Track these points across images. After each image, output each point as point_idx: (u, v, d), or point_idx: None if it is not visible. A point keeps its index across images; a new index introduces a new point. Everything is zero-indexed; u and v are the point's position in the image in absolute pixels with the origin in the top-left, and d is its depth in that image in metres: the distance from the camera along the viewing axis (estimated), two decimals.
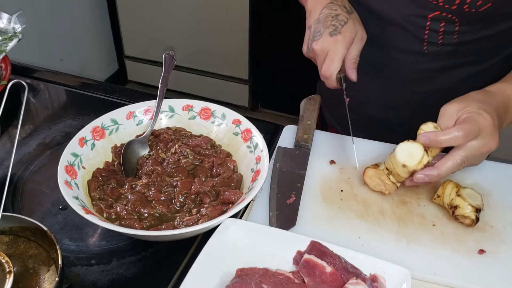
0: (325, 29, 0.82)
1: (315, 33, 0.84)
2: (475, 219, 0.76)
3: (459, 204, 0.76)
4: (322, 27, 0.83)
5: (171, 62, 0.94)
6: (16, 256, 0.70)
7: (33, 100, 1.09)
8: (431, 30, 0.89)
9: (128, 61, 2.87)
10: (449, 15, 0.85)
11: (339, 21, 0.83)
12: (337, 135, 0.97)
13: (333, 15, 0.83)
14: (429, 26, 0.88)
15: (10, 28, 1.07)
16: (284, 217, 0.78)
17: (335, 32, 0.82)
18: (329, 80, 0.83)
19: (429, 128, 0.77)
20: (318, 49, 0.83)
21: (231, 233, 0.72)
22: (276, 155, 0.90)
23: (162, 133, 0.89)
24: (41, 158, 0.91)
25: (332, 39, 0.81)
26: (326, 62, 0.82)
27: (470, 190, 0.78)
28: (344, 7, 0.85)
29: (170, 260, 0.74)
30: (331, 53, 0.82)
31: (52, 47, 2.41)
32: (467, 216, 0.76)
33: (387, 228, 0.78)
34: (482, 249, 0.74)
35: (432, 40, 0.90)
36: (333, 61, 0.82)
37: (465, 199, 0.76)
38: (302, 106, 0.97)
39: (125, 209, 0.75)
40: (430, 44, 0.91)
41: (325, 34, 0.82)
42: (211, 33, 2.55)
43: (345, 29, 0.82)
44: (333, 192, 0.84)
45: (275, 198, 0.81)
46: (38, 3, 2.25)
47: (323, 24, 0.83)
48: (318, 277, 0.66)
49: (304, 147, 0.90)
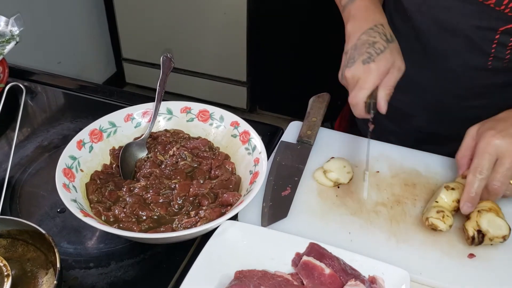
0: (359, 57, 0.79)
1: (349, 60, 0.81)
2: (471, 239, 0.73)
3: (471, 217, 0.74)
4: (357, 54, 0.80)
5: (169, 64, 0.94)
6: (14, 259, 0.70)
7: (30, 102, 1.09)
8: (499, 44, 0.84)
9: (126, 63, 2.87)
10: None
11: (376, 49, 0.79)
12: (342, 133, 0.96)
13: (370, 42, 0.80)
14: (497, 39, 0.83)
15: (7, 31, 1.07)
16: (276, 208, 0.79)
17: (368, 60, 0.78)
18: (356, 108, 0.80)
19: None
20: (349, 76, 0.80)
21: (230, 235, 0.72)
22: (278, 148, 0.90)
23: (160, 136, 0.89)
24: (39, 161, 0.91)
25: (364, 67, 0.78)
26: (355, 90, 0.79)
27: (500, 220, 0.74)
28: (384, 34, 0.82)
29: (168, 263, 0.74)
30: (361, 81, 0.79)
31: (50, 50, 2.41)
32: (466, 229, 0.74)
33: (379, 227, 0.78)
34: (472, 254, 0.74)
35: (499, 55, 0.85)
36: (362, 89, 0.79)
37: (480, 219, 0.73)
38: (310, 103, 0.98)
39: (124, 211, 0.75)
40: (496, 59, 0.86)
41: (358, 62, 0.79)
42: (209, 35, 2.55)
43: (380, 58, 0.79)
44: (329, 188, 0.84)
45: (271, 189, 0.82)
46: (35, 6, 2.25)
47: (358, 51, 0.80)
48: (317, 279, 0.66)
49: (307, 143, 0.91)
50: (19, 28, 1.07)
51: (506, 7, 0.78)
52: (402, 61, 0.82)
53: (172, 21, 2.57)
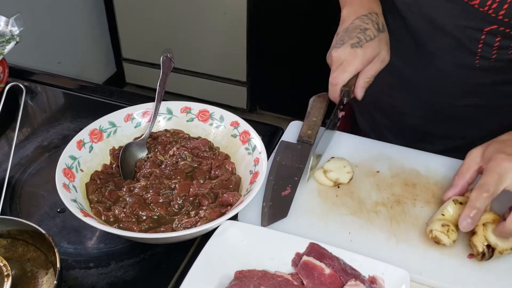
0: (349, 40, 0.80)
1: (338, 41, 0.82)
2: (481, 255, 0.70)
3: (477, 231, 0.72)
4: (347, 37, 0.81)
5: (169, 64, 0.94)
6: (14, 259, 0.70)
7: (30, 102, 1.09)
8: (485, 44, 0.84)
9: (126, 63, 2.87)
10: (507, 29, 0.80)
11: (366, 35, 0.81)
12: (342, 133, 0.96)
13: (362, 28, 0.81)
14: (483, 39, 0.84)
15: (7, 31, 1.07)
16: (276, 208, 0.79)
17: (357, 45, 0.80)
18: (334, 88, 0.82)
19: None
20: (335, 56, 0.81)
21: (230, 235, 0.72)
22: (278, 148, 0.90)
23: (160, 136, 0.89)
24: (39, 161, 0.91)
25: (351, 50, 0.80)
26: (338, 71, 0.81)
27: None
28: (376, 23, 0.83)
29: (168, 263, 0.74)
30: (345, 63, 0.80)
31: (50, 50, 2.41)
32: (475, 245, 0.71)
33: (379, 226, 0.78)
34: (472, 253, 0.73)
35: (486, 55, 0.86)
36: (344, 72, 0.80)
37: (487, 233, 0.71)
38: (310, 103, 0.98)
39: (123, 211, 0.75)
40: (483, 59, 0.87)
41: (346, 44, 0.80)
42: (209, 35, 2.55)
43: (368, 45, 0.80)
44: (329, 188, 0.84)
45: (271, 189, 0.82)
46: (35, 6, 2.25)
47: (349, 34, 0.81)
48: (317, 279, 0.66)
49: (307, 143, 0.91)
50: (19, 28, 1.07)
51: (489, 8, 0.78)
52: (388, 53, 0.83)
53: (172, 21, 2.57)
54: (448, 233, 0.72)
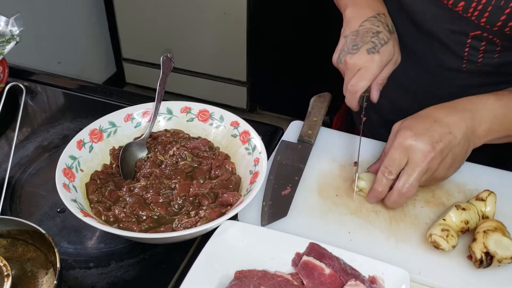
0: (364, 45, 0.79)
1: (351, 46, 0.80)
2: (479, 262, 0.70)
3: (477, 238, 0.71)
4: (360, 41, 0.79)
5: (169, 64, 0.94)
6: (14, 259, 0.70)
7: (31, 102, 1.09)
8: (472, 48, 0.85)
9: (126, 63, 2.87)
10: (490, 35, 0.81)
11: (380, 39, 0.79)
12: (343, 133, 0.96)
13: (374, 31, 0.80)
14: (469, 43, 0.84)
15: (7, 30, 1.07)
16: (276, 207, 0.79)
17: (373, 51, 0.78)
18: (353, 96, 0.80)
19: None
20: (351, 63, 0.79)
21: (230, 235, 0.72)
22: (278, 148, 0.90)
23: (160, 136, 0.89)
24: (39, 161, 0.91)
25: (368, 57, 0.78)
26: (356, 78, 0.79)
27: (507, 239, 0.70)
28: (386, 25, 0.82)
29: (168, 263, 0.74)
30: (363, 70, 0.78)
31: (50, 50, 2.41)
32: (473, 252, 0.70)
33: (378, 226, 0.78)
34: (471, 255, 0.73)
35: (472, 58, 0.86)
36: (364, 79, 0.79)
37: (487, 240, 0.70)
38: (311, 103, 0.98)
39: (123, 211, 0.75)
40: (470, 62, 0.87)
41: (362, 50, 0.79)
42: (209, 35, 2.55)
43: (384, 49, 0.79)
44: (329, 187, 0.84)
45: (271, 188, 0.82)
46: (35, 6, 2.25)
47: (362, 38, 0.79)
48: (317, 279, 0.66)
49: (307, 142, 0.91)
50: (19, 28, 1.07)
51: (471, 14, 0.79)
52: (399, 54, 0.83)
53: (172, 21, 2.57)
54: (448, 238, 0.72)
